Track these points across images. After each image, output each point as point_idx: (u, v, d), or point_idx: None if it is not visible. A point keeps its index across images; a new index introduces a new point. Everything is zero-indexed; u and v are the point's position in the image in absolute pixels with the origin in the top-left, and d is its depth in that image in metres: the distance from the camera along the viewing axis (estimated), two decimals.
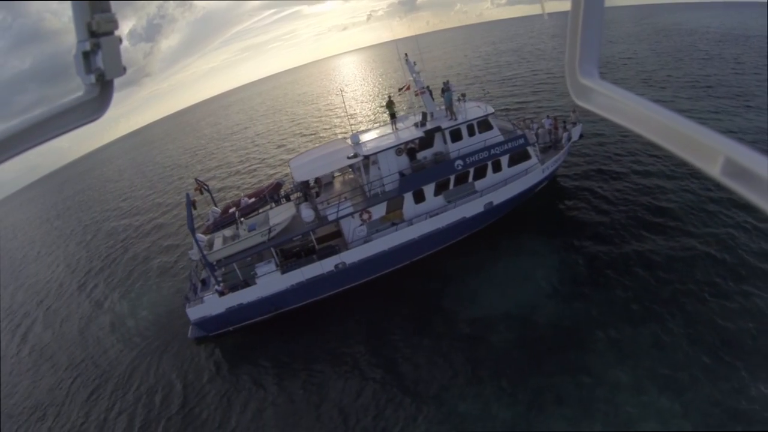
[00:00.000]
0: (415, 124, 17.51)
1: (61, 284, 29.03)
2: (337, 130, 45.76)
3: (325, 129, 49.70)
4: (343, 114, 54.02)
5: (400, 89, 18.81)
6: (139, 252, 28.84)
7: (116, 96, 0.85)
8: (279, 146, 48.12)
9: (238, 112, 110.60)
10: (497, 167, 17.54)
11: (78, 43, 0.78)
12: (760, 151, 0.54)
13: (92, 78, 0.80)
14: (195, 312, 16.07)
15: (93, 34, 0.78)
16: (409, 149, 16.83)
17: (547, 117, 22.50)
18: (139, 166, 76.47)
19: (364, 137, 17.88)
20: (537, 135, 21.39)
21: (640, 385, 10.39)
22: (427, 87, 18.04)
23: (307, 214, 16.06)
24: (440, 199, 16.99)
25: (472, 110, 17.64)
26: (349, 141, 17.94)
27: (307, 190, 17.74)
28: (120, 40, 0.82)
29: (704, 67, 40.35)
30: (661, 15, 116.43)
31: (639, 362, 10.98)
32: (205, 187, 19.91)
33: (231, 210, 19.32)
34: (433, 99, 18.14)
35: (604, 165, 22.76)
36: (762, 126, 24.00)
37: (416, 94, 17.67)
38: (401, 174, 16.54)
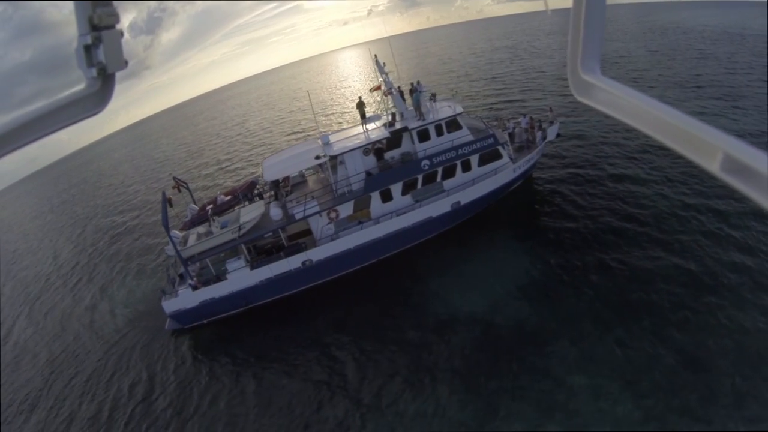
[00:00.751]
0: (384, 125, 17.77)
1: (48, 278, 29.44)
2: (322, 129, 46.06)
3: (312, 127, 49.89)
4: (330, 112, 54.26)
5: (371, 89, 19.08)
6: (122, 248, 29.23)
7: (116, 88, 0.86)
8: (263, 144, 48.51)
9: (233, 107, 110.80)
10: (467, 167, 17.79)
11: (79, 37, 0.79)
12: (759, 147, 0.55)
13: (93, 71, 0.81)
14: (170, 305, 16.52)
15: (94, 28, 0.79)
16: (377, 149, 17.10)
17: (524, 116, 22.64)
18: (134, 160, 76.83)
19: (334, 138, 18.17)
20: (513, 134, 21.61)
21: (599, 392, 10.51)
22: (398, 87, 18.29)
23: (275, 212, 16.42)
24: (408, 199, 17.27)
25: (442, 110, 17.88)
26: (320, 141, 18.25)
27: (278, 189, 18.06)
28: (121, 34, 0.83)
29: (696, 66, 40.33)
30: (660, 13, 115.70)
31: (599, 369, 11.08)
32: (184, 185, 20.28)
33: (208, 207, 19.79)
34: (403, 99, 18.38)
35: (580, 167, 22.80)
36: (746, 128, 23.98)
37: (384, 95, 17.94)
38: (368, 173, 16.83)
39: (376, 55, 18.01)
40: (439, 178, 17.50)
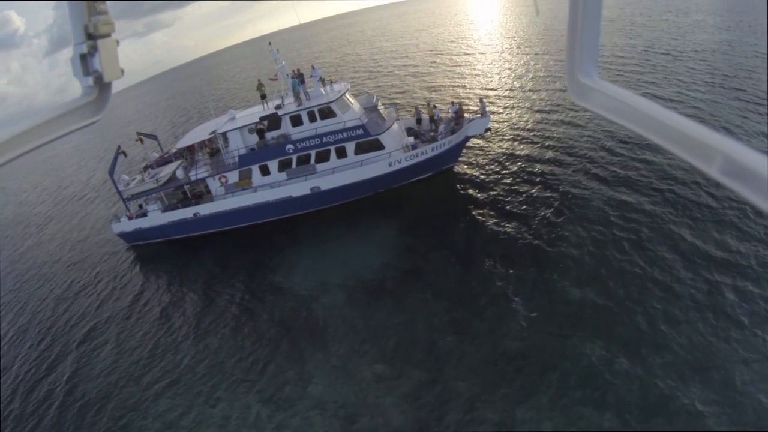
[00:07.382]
0: (276, 107, 20.02)
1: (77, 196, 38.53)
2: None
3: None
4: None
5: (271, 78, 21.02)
6: None
7: (245, 3, 1.15)
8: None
9: (327, 40, 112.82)
10: (341, 153, 19.33)
11: (75, 46, 0.79)
12: (758, 149, 0.55)
13: (90, 80, 0.81)
14: (115, 228, 22.56)
15: (90, 37, 0.78)
16: (259, 129, 19.70)
17: (452, 103, 22.13)
18: (218, 80, 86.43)
19: (239, 114, 21.15)
20: (436, 122, 21.69)
21: (327, 408, 11.13)
22: (294, 72, 19.96)
23: (179, 173, 20.70)
24: (284, 175, 19.70)
25: (321, 96, 19.35)
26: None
27: (188, 154, 22.13)
28: (117, 43, 0.82)
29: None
30: None
31: (347, 389, 11.55)
32: (151, 137, 25.88)
33: (164, 155, 25.11)
34: (303, 83, 20.00)
35: (499, 167, 21.20)
36: None
37: (269, 80, 19.93)
38: (252, 149, 19.73)
39: (270, 43, 19.75)
40: (312, 161, 19.53)
